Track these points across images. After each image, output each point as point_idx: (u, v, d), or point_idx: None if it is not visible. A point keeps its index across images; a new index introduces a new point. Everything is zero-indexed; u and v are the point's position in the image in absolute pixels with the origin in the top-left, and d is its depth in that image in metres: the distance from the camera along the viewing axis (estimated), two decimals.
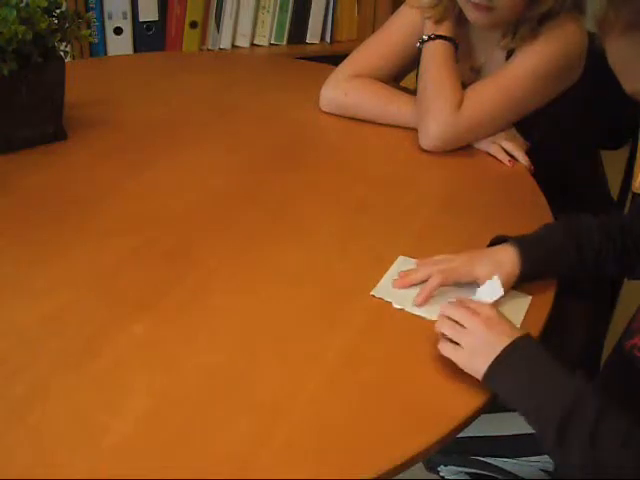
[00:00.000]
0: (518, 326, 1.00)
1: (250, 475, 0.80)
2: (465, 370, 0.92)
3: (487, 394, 0.91)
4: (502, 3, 1.34)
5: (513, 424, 1.18)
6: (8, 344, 0.95)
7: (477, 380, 0.91)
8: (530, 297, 1.06)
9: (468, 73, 1.51)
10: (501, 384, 0.90)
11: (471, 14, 1.39)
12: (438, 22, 1.47)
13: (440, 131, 1.41)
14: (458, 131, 1.42)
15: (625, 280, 1.50)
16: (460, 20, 1.48)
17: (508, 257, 1.06)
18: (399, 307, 1.04)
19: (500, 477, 1.22)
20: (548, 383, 0.88)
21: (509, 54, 1.45)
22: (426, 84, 1.45)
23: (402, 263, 1.12)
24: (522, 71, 1.40)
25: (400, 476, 0.84)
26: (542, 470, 1.17)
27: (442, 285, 1.05)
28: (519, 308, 1.04)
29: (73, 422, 0.85)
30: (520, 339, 0.91)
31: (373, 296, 1.05)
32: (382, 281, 1.08)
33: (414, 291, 1.05)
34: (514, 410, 0.92)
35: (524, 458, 1.18)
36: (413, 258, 1.12)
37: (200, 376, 0.92)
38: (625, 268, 1.11)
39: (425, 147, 1.43)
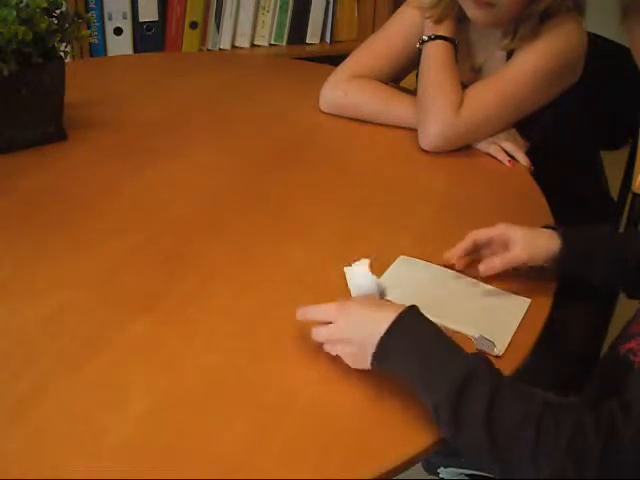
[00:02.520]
0: (514, 330, 1.00)
1: (249, 475, 0.80)
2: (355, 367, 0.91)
3: None
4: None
5: None
6: (8, 344, 0.95)
7: None
8: (529, 300, 1.06)
9: (468, 73, 1.51)
10: (390, 365, 0.88)
11: (471, 11, 1.39)
12: (438, 22, 1.47)
13: (440, 131, 1.41)
14: (458, 131, 1.42)
15: None
16: (460, 19, 1.48)
17: (547, 234, 1.06)
18: None
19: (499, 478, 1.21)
20: (437, 360, 0.85)
21: (509, 53, 1.45)
22: (426, 85, 1.45)
23: (402, 263, 1.12)
24: (522, 71, 1.40)
25: (400, 476, 0.84)
26: None
27: (476, 239, 1.08)
28: (518, 311, 1.04)
29: (73, 422, 0.85)
30: (402, 315, 0.88)
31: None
32: (381, 279, 1.07)
33: (412, 290, 1.05)
34: None
35: None
36: (413, 258, 1.12)
37: (200, 376, 0.92)
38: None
39: (425, 147, 1.43)
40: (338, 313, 0.92)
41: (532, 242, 1.06)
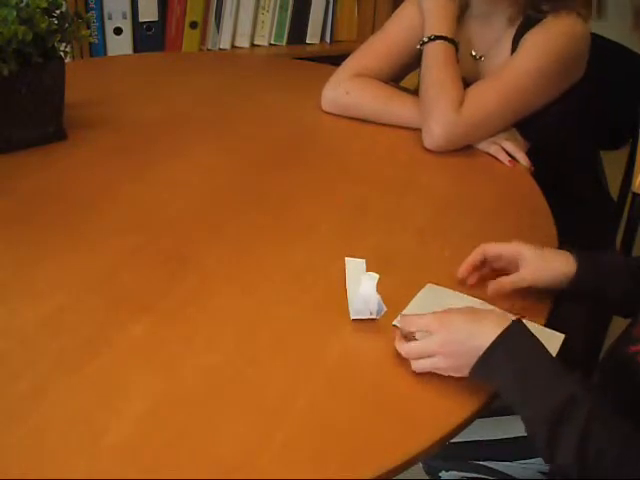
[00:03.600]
0: None
1: (249, 475, 0.80)
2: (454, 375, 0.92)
3: (484, 397, 0.91)
4: None
5: (511, 428, 1.18)
6: (8, 344, 0.95)
7: (474, 383, 0.91)
8: (563, 335, 1.01)
9: (470, 63, 1.51)
10: (490, 378, 0.90)
11: None
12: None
13: (443, 131, 1.41)
14: (460, 131, 1.42)
15: None
16: (462, 11, 1.48)
17: (561, 256, 1.05)
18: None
19: None
20: (539, 381, 0.88)
21: (513, 46, 1.44)
22: (428, 85, 1.45)
23: (430, 291, 1.06)
24: (525, 70, 1.40)
25: (400, 476, 0.84)
26: (540, 472, 1.17)
27: (486, 254, 1.07)
28: (551, 345, 0.95)
29: (73, 422, 0.85)
30: (507, 331, 0.89)
31: (395, 326, 0.99)
32: (406, 310, 1.02)
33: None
34: (511, 414, 0.91)
35: (522, 461, 1.18)
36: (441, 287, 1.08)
37: (199, 377, 0.92)
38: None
39: (429, 147, 1.43)
40: (440, 326, 0.92)
41: (541, 265, 1.04)
